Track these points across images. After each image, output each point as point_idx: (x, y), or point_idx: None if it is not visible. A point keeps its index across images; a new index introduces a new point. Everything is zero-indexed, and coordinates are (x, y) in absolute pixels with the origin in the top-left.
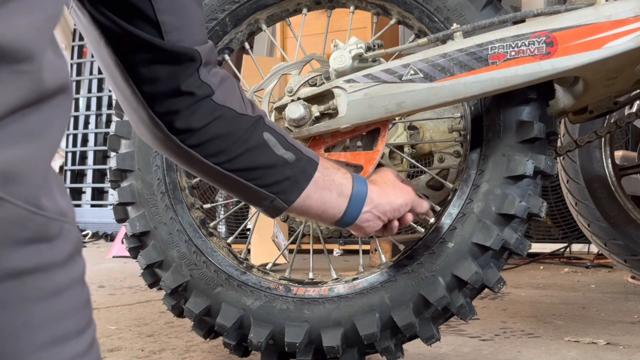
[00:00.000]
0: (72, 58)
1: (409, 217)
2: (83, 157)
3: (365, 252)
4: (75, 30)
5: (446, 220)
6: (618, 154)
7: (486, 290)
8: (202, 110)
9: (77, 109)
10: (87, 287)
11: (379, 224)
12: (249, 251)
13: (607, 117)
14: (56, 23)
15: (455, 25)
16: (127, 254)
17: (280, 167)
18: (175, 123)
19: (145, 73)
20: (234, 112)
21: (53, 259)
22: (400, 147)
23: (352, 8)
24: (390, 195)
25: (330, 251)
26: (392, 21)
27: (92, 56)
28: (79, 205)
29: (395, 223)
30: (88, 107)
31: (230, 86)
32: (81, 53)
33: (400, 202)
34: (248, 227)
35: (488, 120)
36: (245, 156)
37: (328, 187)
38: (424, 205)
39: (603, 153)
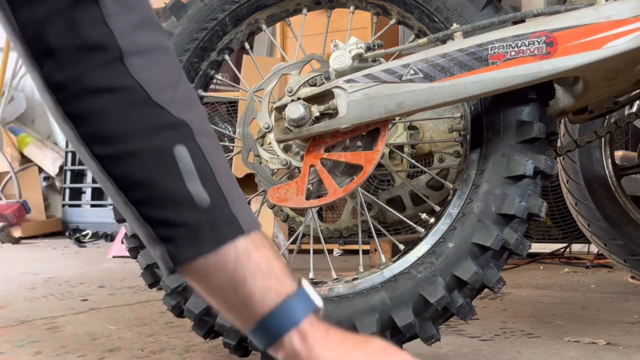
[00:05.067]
0: None
1: None
2: None
3: (365, 252)
4: None
5: (446, 220)
6: (618, 154)
7: (486, 290)
8: (92, 67)
9: None
10: None
11: None
12: None
13: (607, 117)
14: None
15: (455, 25)
16: (127, 254)
17: (180, 203)
18: (49, 66)
19: None
20: (146, 95)
21: None
22: (400, 147)
23: (352, 8)
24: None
25: (330, 251)
26: (392, 21)
27: None
28: (79, 205)
29: None
30: None
31: (161, 58)
32: None
33: None
34: None
35: (488, 120)
36: (135, 160)
37: (252, 271)
38: None
39: (603, 153)
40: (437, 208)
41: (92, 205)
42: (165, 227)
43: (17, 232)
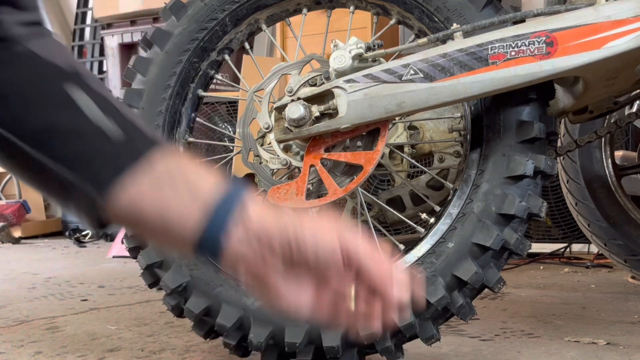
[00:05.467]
0: None
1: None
2: None
3: None
4: (75, 30)
5: (446, 220)
6: (618, 154)
7: (486, 290)
8: None
9: None
10: None
11: (270, 268)
12: None
13: (607, 117)
14: None
15: (455, 25)
16: (127, 254)
17: (91, 136)
18: None
19: None
20: (37, 56)
21: None
22: (400, 147)
23: (352, 8)
24: (291, 225)
25: None
26: (392, 21)
27: (92, 56)
28: None
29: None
30: None
31: (42, 33)
32: (81, 53)
33: (323, 241)
34: None
35: (488, 120)
36: (39, 115)
37: (175, 184)
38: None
39: (603, 153)
40: (437, 208)
41: None
42: (80, 161)
43: (17, 232)
